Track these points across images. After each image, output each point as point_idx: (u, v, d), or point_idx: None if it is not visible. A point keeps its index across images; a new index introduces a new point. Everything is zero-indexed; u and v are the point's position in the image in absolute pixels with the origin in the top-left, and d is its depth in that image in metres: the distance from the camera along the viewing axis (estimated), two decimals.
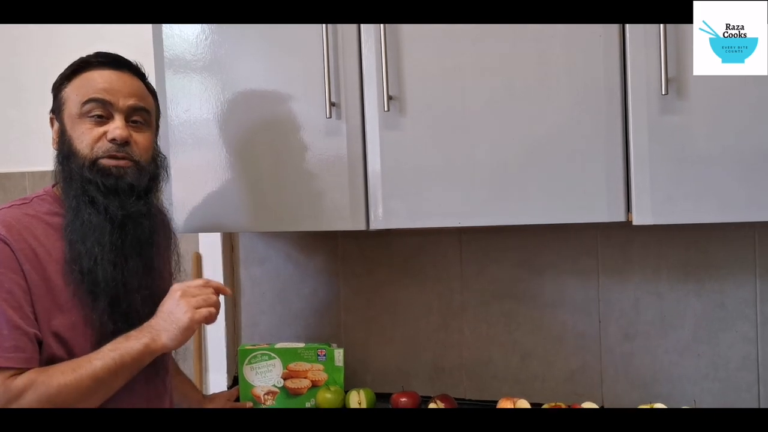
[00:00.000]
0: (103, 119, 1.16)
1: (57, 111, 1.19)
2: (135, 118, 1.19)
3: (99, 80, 1.17)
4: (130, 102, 1.18)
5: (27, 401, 1.03)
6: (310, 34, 1.34)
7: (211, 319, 1.13)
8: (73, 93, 1.17)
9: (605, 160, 1.23)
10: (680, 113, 1.18)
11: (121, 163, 1.16)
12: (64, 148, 1.16)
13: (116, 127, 1.15)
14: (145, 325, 1.12)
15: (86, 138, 1.15)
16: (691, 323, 1.54)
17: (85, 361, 1.07)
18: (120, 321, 1.13)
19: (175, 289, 1.14)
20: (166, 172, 1.27)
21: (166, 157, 1.28)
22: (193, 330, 1.11)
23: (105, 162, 1.15)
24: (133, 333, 1.11)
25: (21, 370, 1.05)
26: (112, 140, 1.15)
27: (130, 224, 1.15)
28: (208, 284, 1.16)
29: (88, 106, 1.15)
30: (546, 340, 1.63)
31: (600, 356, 1.60)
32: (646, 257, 1.56)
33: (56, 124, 1.20)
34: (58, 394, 1.03)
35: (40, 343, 1.09)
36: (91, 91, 1.16)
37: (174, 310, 1.12)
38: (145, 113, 1.21)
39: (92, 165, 1.14)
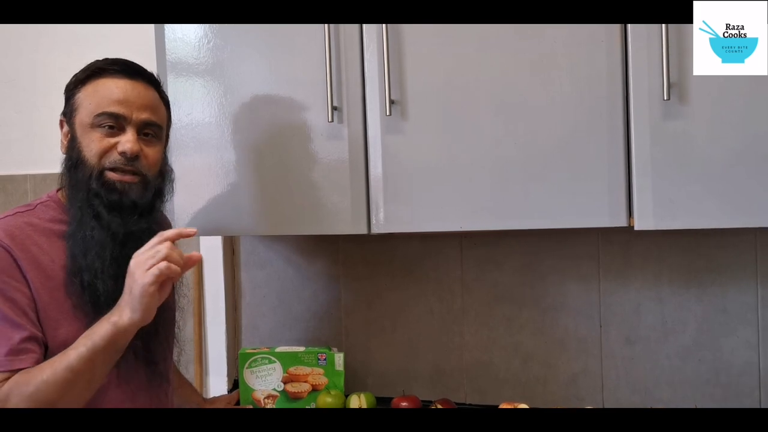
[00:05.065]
0: (115, 130, 1.15)
1: (68, 115, 1.18)
2: (146, 131, 1.18)
3: (114, 90, 1.15)
4: (144, 116, 1.17)
5: (13, 403, 1.02)
6: (312, 38, 1.34)
7: (164, 274, 1.02)
8: (87, 100, 1.15)
9: (607, 165, 1.23)
10: (682, 118, 1.19)
11: (126, 178, 1.15)
12: (73, 155, 1.15)
13: (127, 140, 1.14)
14: (117, 303, 1.07)
15: (95, 147, 1.14)
16: (693, 328, 1.54)
17: (61, 355, 1.05)
18: None
19: (132, 258, 1.06)
20: (172, 185, 1.26)
21: (173, 171, 1.27)
22: (150, 294, 1.02)
23: (111, 175, 1.14)
24: (105, 315, 1.06)
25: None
26: (122, 153, 1.14)
27: (131, 242, 1.13)
28: (161, 239, 1.05)
29: (100, 118, 1.14)
30: (547, 344, 1.63)
31: (601, 360, 1.60)
32: (647, 262, 1.56)
33: (66, 127, 1.19)
34: (37, 391, 1.02)
35: (46, 347, 1.09)
36: (105, 103, 1.14)
37: (129, 282, 1.04)
38: (157, 127, 1.20)
39: (99, 176, 1.13)
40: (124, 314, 1.04)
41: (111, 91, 1.15)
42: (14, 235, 1.10)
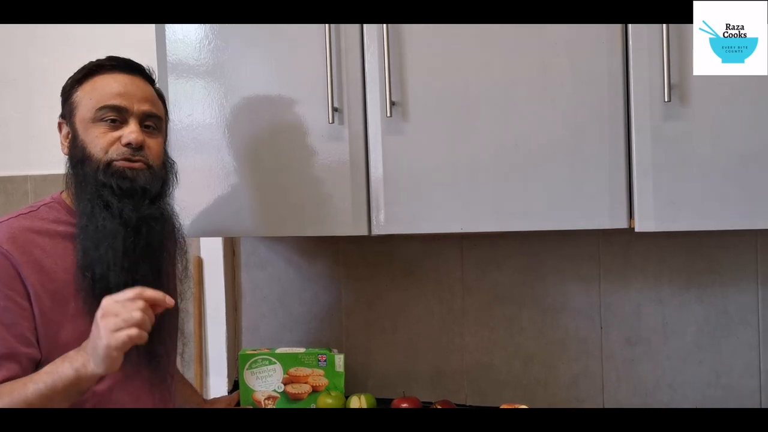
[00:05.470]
0: (117, 123, 1.15)
1: (68, 115, 1.18)
2: (147, 123, 1.18)
3: (114, 85, 1.16)
4: (144, 107, 1.17)
5: None
6: (313, 39, 1.35)
7: (133, 341, 0.98)
8: (86, 97, 1.15)
9: (608, 166, 1.23)
10: (683, 120, 1.19)
11: (135, 165, 1.15)
12: (77, 153, 1.15)
13: (131, 131, 1.14)
14: (83, 344, 1.02)
15: (100, 142, 1.14)
16: (693, 330, 1.54)
17: (20, 385, 1.02)
18: None
19: (101, 306, 1.00)
20: (176, 177, 1.26)
21: (175, 162, 1.27)
22: (113, 357, 0.97)
23: (119, 164, 1.13)
24: (71, 353, 1.03)
25: None
26: (128, 144, 1.14)
27: (144, 228, 1.14)
28: (139, 296, 1.00)
29: (102, 112, 1.14)
30: (548, 345, 1.63)
31: (602, 362, 1.60)
32: (647, 263, 1.56)
33: (65, 129, 1.19)
34: None
35: (38, 362, 1.08)
36: (105, 97, 1.14)
37: (94, 333, 0.99)
38: (157, 119, 1.20)
39: (107, 167, 1.13)
40: (88, 365, 1.00)
41: (110, 85, 1.15)
42: (16, 238, 1.10)
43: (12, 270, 1.08)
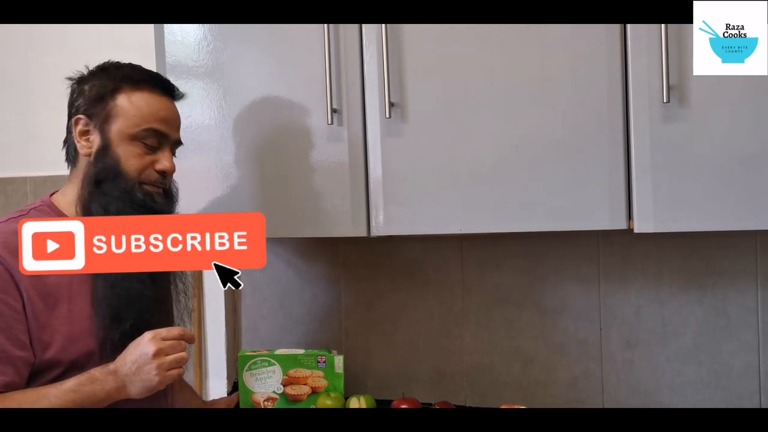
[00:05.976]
0: (154, 147, 1.18)
1: (99, 119, 1.16)
2: (175, 150, 1.24)
3: (159, 107, 1.19)
4: (177, 136, 1.23)
5: None
6: (312, 41, 1.35)
7: (180, 377, 1.12)
8: (131, 109, 1.16)
9: (607, 167, 1.23)
10: (682, 121, 1.19)
11: (161, 191, 1.20)
12: (108, 163, 1.15)
13: (167, 160, 1.19)
14: (112, 367, 1.08)
15: (135, 162, 1.16)
16: (693, 331, 1.54)
17: (43, 398, 1.05)
18: (127, 332, 1.12)
19: (148, 343, 1.07)
20: (177, 194, 1.27)
21: (176, 180, 1.27)
22: (160, 389, 1.08)
23: (149, 188, 1.18)
24: (98, 375, 1.07)
25: None
26: (162, 172, 1.18)
27: None
28: (183, 336, 1.10)
29: (145, 133, 1.16)
30: (548, 346, 1.63)
31: (601, 363, 1.59)
32: (647, 264, 1.56)
33: (83, 126, 1.17)
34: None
35: (32, 364, 1.09)
36: (151, 119, 1.17)
37: (144, 368, 1.06)
38: (180, 145, 1.25)
39: (138, 187, 1.16)
40: (124, 390, 1.07)
41: (156, 107, 1.18)
42: (7, 242, 1.09)
43: (5, 274, 1.08)
